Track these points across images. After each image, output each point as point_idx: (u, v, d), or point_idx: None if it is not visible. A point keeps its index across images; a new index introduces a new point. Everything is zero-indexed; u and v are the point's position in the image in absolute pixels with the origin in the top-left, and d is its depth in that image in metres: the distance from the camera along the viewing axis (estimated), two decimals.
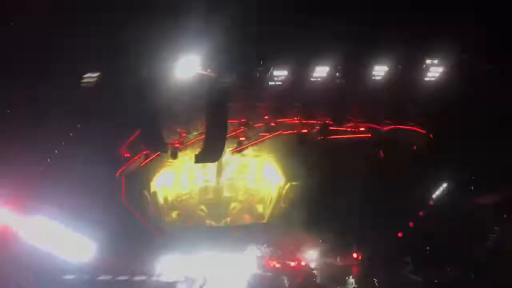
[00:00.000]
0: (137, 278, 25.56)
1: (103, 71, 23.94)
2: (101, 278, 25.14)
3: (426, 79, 25.04)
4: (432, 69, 24.92)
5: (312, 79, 24.77)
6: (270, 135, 27.84)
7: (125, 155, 27.31)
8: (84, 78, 23.88)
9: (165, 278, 26.29)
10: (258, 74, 24.67)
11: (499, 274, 25.21)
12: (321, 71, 24.58)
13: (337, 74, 24.86)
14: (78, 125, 25.78)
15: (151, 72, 23.38)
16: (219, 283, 26.61)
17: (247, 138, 27.84)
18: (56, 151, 25.92)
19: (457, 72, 24.79)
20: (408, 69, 24.90)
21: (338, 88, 25.43)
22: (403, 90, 25.69)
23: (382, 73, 24.82)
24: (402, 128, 27.12)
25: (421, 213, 29.96)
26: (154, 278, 25.98)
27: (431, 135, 27.07)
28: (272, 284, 26.83)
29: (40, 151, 25.21)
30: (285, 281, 27.01)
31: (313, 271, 27.10)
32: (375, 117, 27.56)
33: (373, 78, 25.01)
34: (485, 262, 26.99)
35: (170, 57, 23.35)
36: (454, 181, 28.91)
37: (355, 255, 28.41)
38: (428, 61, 24.84)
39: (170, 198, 30.11)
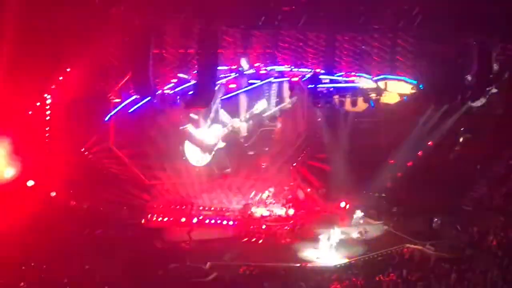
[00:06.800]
0: None
1: None
2: None
3: None
4: None
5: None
6: (260, 82, 27.85)
7: (115, 99, 27.13)
8: None
9: None
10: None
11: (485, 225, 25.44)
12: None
13: None
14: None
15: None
16: None
17: (238, 85, 27.70)
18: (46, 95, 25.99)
19: None
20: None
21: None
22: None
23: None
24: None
25: (410, 164, 30.12)
26: None
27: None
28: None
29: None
30: None
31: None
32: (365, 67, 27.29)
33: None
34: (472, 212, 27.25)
35: None
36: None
37: (342, 204, 28.63)
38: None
39: None
